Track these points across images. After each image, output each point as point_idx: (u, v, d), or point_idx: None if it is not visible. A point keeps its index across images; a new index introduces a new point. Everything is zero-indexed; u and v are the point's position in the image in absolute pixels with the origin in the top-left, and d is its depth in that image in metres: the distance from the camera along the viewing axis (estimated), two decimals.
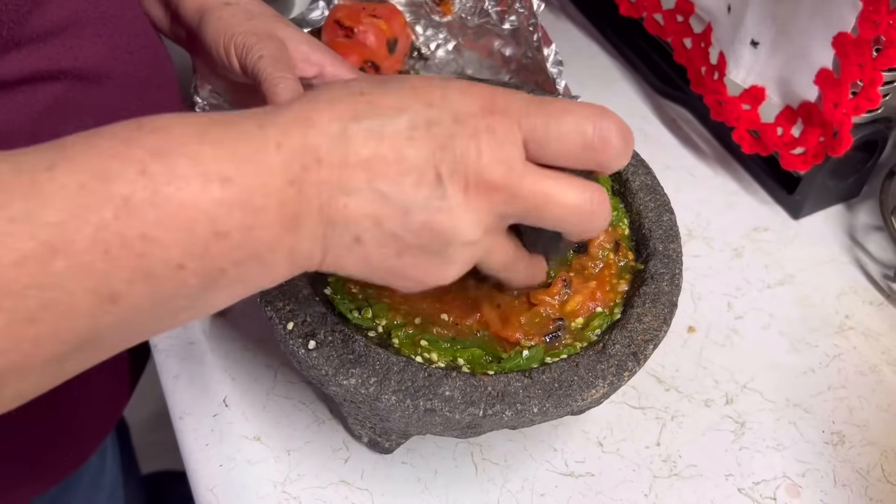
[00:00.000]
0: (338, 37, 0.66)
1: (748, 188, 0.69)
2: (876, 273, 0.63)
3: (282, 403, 0.51)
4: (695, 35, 0.69)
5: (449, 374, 0.39)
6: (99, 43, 0.44)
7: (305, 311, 0.41)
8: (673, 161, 0.71)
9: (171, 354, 0.53)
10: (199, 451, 0.49)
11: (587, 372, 0.40)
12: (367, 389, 0.38)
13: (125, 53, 0.46)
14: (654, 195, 0.49)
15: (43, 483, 0.56)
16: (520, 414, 0.38)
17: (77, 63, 0.42)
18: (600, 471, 0.50)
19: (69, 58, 0.42)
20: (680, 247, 0.47)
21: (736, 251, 0.64)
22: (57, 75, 0.42)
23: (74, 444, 0.58)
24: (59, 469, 0.57)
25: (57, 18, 0.41)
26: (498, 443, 0.50)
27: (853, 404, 0.54)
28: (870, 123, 0.60)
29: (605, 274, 0.46)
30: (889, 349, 0.57)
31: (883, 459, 0.51)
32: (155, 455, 1.06)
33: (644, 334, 0.42)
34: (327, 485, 0.48)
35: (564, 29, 0.84)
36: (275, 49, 0.47)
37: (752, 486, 0.50)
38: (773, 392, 0.55)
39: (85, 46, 0.43)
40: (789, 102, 0.62)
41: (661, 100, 0.76)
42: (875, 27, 0.52)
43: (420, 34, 0.73)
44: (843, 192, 0.67)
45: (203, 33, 0.50)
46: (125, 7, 0.47)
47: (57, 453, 0.56)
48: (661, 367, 0.55)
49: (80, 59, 0.42)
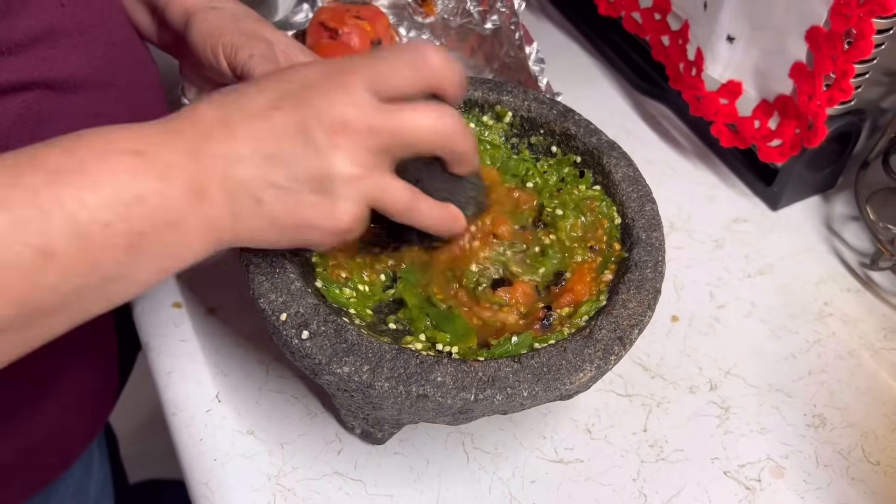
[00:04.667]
0: (322, 38, 0.67)
1: (727, 181, 0.70)
2: (853, 261, 0.64)
3: (274, 398, 0.52)
4: (672, 32, 0.70)
5: (440, 361, 0.40)
6: (74, 53, 0.45)
7: (298, 303, 0.41)
8: (654, 156, 0.72)
9: (163, 352, 0.54)
10: (192, 447, 0.49)
11: (575, 356, 0.41)
12: (361, 377, 0.39)
13: (102, 63, 0.47)
14: (636, 186, 0.51)
15: (26, 488, 0.56)
16: (510, 398, 0.39)
17: (51, 73, 0.44)
18: (589, 457, 0.51)
19: (42, 68, 0.43)
20: (662, 235, 0.48)
21: (717, 242, 0.65)
22: (29, 86, 0.43)
23: (59, 448, 0.57)
24: (43, 474, 0.57)
25: (30, 30, 0.42)
26: (488, 432, 0.51)
27: (833, 388, 0.56)
28: (844, 115, 0.62)
29: (585, 267, 0.48)
30: (867, 334, 0.59)
31: (863, 440, 0.53)
32: (142, 465, 1.06)
33: (629, 319, 0.43)
34: (321, 476, 0.49)
35: (545, 29, 0.86)
36: (264, 48, 0.48)
37: (737, 469, 0.51)
38: (755, 377, 0.56)
39: (59, 57, 0.44)
40: (765, 96, 0.63)
41: (641, 97, 0.78)
42: (846, 20, 0.54)
43: (403, 35, 0.74)
44: (820, 184, 0.69)
45: (190, 36, 0.50)
46: (103, 17, 0.47)
47: (41, 457, 0.55)
48: (647, 355, 0.56)
49: (53, 70, 0.44)
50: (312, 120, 0.36)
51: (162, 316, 0.56)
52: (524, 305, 0.46)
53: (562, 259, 0.48)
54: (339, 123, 0.36)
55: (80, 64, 0.45)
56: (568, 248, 0.49)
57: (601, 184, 0.52)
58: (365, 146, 0.37)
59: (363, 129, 0.37)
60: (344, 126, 0.36)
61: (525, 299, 0.46)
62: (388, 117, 0.37)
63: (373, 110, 0.37)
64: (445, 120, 0.39)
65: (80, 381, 0.56)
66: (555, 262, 0.48)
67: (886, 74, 0.61)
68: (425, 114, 0.38)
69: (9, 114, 0.42)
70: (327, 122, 0.36)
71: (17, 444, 0.53)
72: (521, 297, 0.46)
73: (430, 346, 0.43)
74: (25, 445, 0.54)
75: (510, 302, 0.46)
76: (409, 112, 0.38)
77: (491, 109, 0.54)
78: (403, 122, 0.37)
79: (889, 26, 0.55)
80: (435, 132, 0.38)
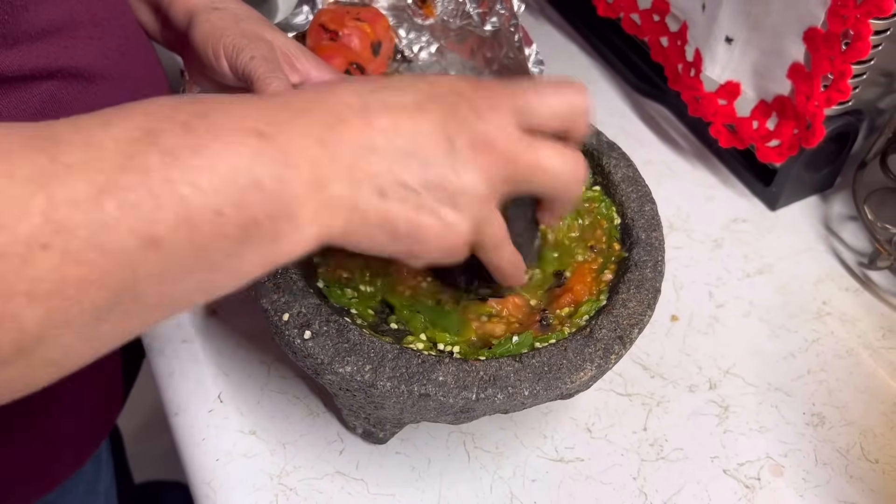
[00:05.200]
0: (323, 40, 0.67)
1: (726, 181, 0.71)
2: (851, 261, 0.65)
3: (276, 398, 0.52)
4: (671, 33, 0.70)
5: (442, 361, 0.40)
6: (91, 44, 0.45)
7: (300, 303, 0.42)
8: (653, 157, 0.72)
9: (166, 353, 0.54)
10: (195, 447, 0.50)
11: (575, 356, 0.41)
12: (363, 377, 0.39)
13: (117, 55, 0.47)
14: (635, 186, 0.51)
15: (41, 487, 0.56)
16: (511, 397, 0.40)
17: (72, 62, 0.43)
18: (589, 456, 0.51)
19: (65, 56, 0.43)
20: (662, 235, 0.49)
21: (716, 242, 0.65)
22: (53, 73, 0.42)
23: (72, 447, 0.58)
24: (57, 473, 0.57)
25: (53, 17, 0.41)
26: (489, 431, 0.51)
27: (832, 386, 0.56)
28: (842, 116, 0.62)
29: (585, 267, 0.48)
30: (865, 333, 0.59)
31: (862, 438, 0.53)
32: (146, 465, 1.06)
33: (629, 319, 0.44)
34: (323, 476, 0.49)
35: (544, 30, 0.86)
36: (266, 50, 0.48)
37: (736, 468, 0.51)
38: (754, 377, 0.56)
39: (79, 46, 0.44)
40: (764, 97, 0.63)
41: (640, 98, 0.78)
42: (843, 21, 0.54)
43: (403, 37, 0.74)
44: (818, 184, 0.69)
45: (192, 36, 0.51)
46: (116, 11, 0.48)
47: (54, 456, 0.56)
48: (647, 354, 0.57)
49: (74, 59, 0.43)
50: (459, 129, 0.35)
51: None
52: (515, 316, 0.46)
53: (561, 258, 0.49)
54: (484, 142, 0.35)
55: (98, 55, 0.46)
56: (567, 247, 0.49)
57: (601, 184, 0.52)
58: (500, 171, 0.36)
59: (504, 155, 0.35)
60: (488, 146, 0.35)
61: (517, 310, 0.46)
62: (529, 151, 0.36)
63: (516, 138, 0.36)
64: (576, 168, 0.38)
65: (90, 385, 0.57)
66: (553, 262, 0.49)
67: (884, 75, 0.61)
68: (563, 158, 0.37)
69: (34, 101, 0.42)
70: (474, 136, 0.35)
71: (32, 446, 0.54)
72: (513, 308, 0.46)
73: (431, 345, 0.43)
74: (39, 446, 0.54)
75: (501, 313, 0.46)
76: (548, 150, 0.37)
77: None
78: (540, 161, 0.36)
79: (886, 27, 0.55)
80: (562, 178, 0.37)
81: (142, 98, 0.50)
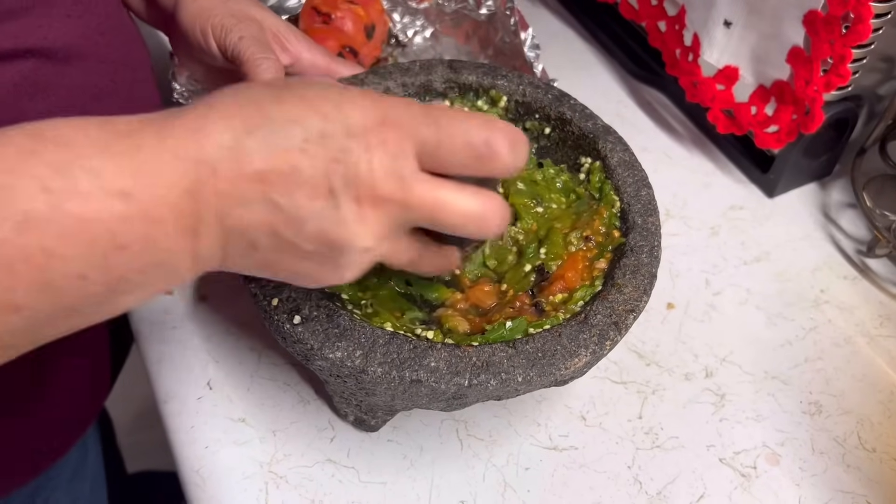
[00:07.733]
0: (315, 23, 0.66)
1: (723, 168, 0.70)
2: (849, 248, 0.64)
3: (266, 385, 0.52)
4: (669, 18, 0.69)
5: (434, 346, 0.39)
6: (69, 23, 0.44)
7: (290, 288, 0.41)
8: (649, 143, 0.72)
9: (155, 339, 0.53)
10: (184, 433, 0.49)
11: (570, 342, 0.41)
12: (353, 362, 0.39)
13: (96, 34, 0.46)
14: (632, 171, 0.50)
15: (24, 474, 0.55)
16: (504, 383, 0.39)
17: (46, 42, 0.42)
18: (584, 444, 0.50)
19: (37, 36, 0.42)
20: (658, 220, 0.48)
21: (713, 229, 0.65)
22: (24, 54, 0.41)
23: (55, 434, 0.57)
24: (40, 460, 0.57)
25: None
26: (482, 418, 0.51)
27: (829, 375, 0.55)
28: (841, 101, 0.62)
29: (578, 255, 0.47)
30: (863, 321, 0.59)
31: (859, 427, 0.52)
32: (140, 455, 1.06)
33: (625, 304, 0.43)
34: (313, 464, 0.48)
35: (540, 15, 0.85)
36: (255, 30, 0.47)
37: (732, 456, 0.51)
38: (751, 365, 0.55)
39: (54, 26, 0.43)
40: (762, 81, 0.63)
41: (637, 83, 0.77)
42: (844, 4, 0.53)
43: (397, 21, 0.73)
44: (816, 171, 0.68)
45: (180, 16, 0.50)
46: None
47: (37, 443, 0.55)
48: (642, 342, 0.56)
49: (48, 39, 0.42)
50: (343, 179, 0.31)
51: (152, 303, 0.55)
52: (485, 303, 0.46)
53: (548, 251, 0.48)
54: (375, 195, 0.32)
55: (75, 34, 0.44)
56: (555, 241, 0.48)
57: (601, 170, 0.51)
58: (392, 219, 0.33)
59: (396, 203, 0.33)
60: (379, 199, 0.32)
61: (487, 297, 0.46)
62: (427, 195, 0.33)
63: (413, 182, 0.33)
64: (486, 213, 0.34)
65: (74, 370, 0.56)
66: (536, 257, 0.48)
67: (884, 60, 0.60)
68: (467, 199, 0.34)
69: (5, 83, 0.41)
70: (361, 188, 0.32)
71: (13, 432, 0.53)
72: (482, 296, 0.46)
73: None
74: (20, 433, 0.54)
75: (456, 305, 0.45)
76: (448, 194, 0.33)
77: (485, 94, 0.54)
78: (439, 206, 0.33)
79: (887, 10, 0.54)
80: (471, 220, 0.34)
81: (122, 81, 0.49)
